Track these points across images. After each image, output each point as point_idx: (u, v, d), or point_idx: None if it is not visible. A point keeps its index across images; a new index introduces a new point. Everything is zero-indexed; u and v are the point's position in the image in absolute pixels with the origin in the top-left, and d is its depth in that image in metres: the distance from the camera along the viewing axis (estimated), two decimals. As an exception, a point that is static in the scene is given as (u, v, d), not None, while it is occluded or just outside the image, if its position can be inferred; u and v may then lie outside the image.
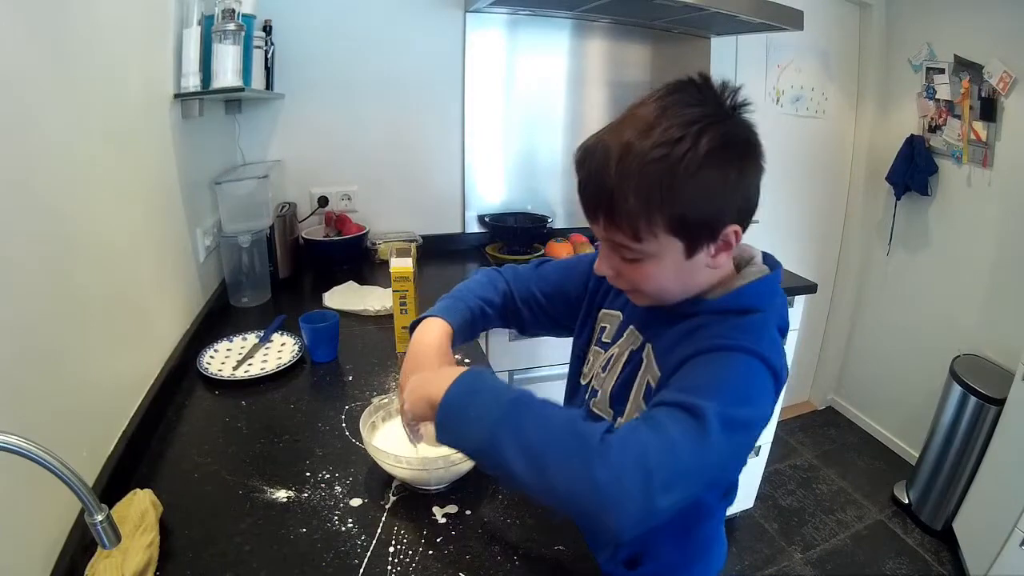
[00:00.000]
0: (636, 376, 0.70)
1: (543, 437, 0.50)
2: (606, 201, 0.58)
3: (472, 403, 0.56)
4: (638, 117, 0.58)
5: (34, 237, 0.65)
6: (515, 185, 2.05)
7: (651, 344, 0.69)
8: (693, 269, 0.62)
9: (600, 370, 0.77)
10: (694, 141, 0.54)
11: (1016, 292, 2.06)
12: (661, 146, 0.54)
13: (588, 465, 0.47)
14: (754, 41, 2.23)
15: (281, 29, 1.61)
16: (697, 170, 0.55)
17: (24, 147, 0.64)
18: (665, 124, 0.55)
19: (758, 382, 0.57)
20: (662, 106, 0.57)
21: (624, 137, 0.56)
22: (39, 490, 0.59)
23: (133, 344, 0.93)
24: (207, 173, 1.40)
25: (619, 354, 0.74)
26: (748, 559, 2.00)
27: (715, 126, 0.56)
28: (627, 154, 0.55)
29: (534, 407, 0.54)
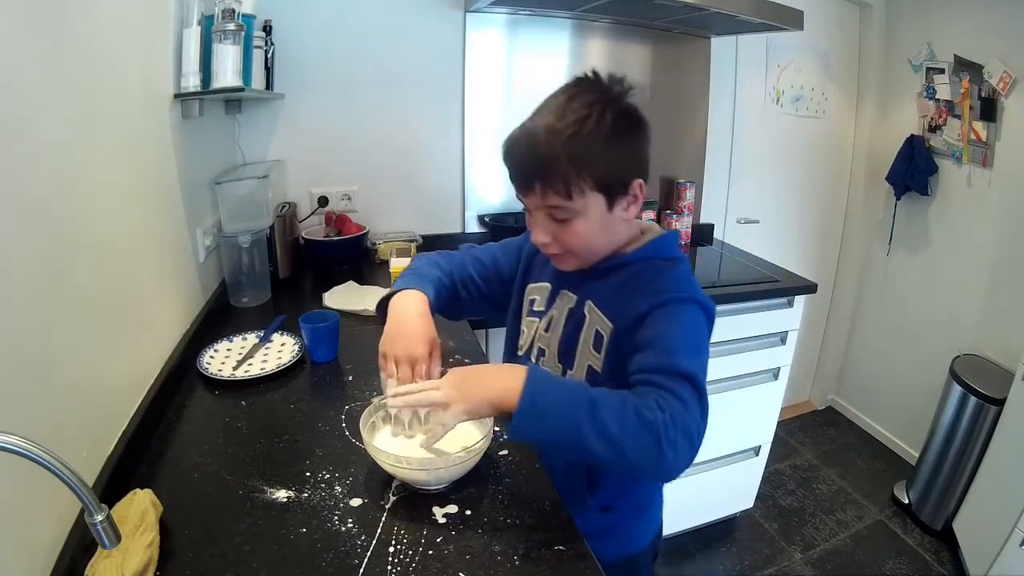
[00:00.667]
0: (580, 331, 0.81)
1: (619, 428, 0.60)
2: (541, 170, 0.72)
3: (550, 408, 0.64)
4: (550, 107, 0.73)
5: (34, 237, 0.65)
6: (515, 185, 2.05)
7: (591, 300, 0.81)
8: (613, 222, 0.77)
9: (543, 331, 0.87)
10: (599, 116, 0.71)
11: (1016, 292, 2.06)
12: (576, 123, 0.70)
13: (658, 446, 0.60)
14: (754, 41, 2.23)
15: (281, 29, 1.61)
16: (606, 137, 0.71)
17: (24, 147, 0.64)
18: (574, 106, 0.71)
19: (705, 330, 0.75)
20: (568, 96, 0.73)
21: (545, 121, 0.72)
22: (39, 490, 0.59)
23: (133, 344, 0.93)
24: (207, 173, 1.40)
25: (558, 315, 0.85)
26: (748, 559, 2.00)
27: (612, 105, 0.72)
28: (551, 131, 0.71)
29: (603, 402, 0.62)
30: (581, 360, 0.81)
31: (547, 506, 0.76)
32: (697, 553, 2.02)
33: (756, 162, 2.41)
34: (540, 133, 0.71)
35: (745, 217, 2.44)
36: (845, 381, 2.89)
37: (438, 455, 0.77)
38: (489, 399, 0.66)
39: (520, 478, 0.81)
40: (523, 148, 0.74)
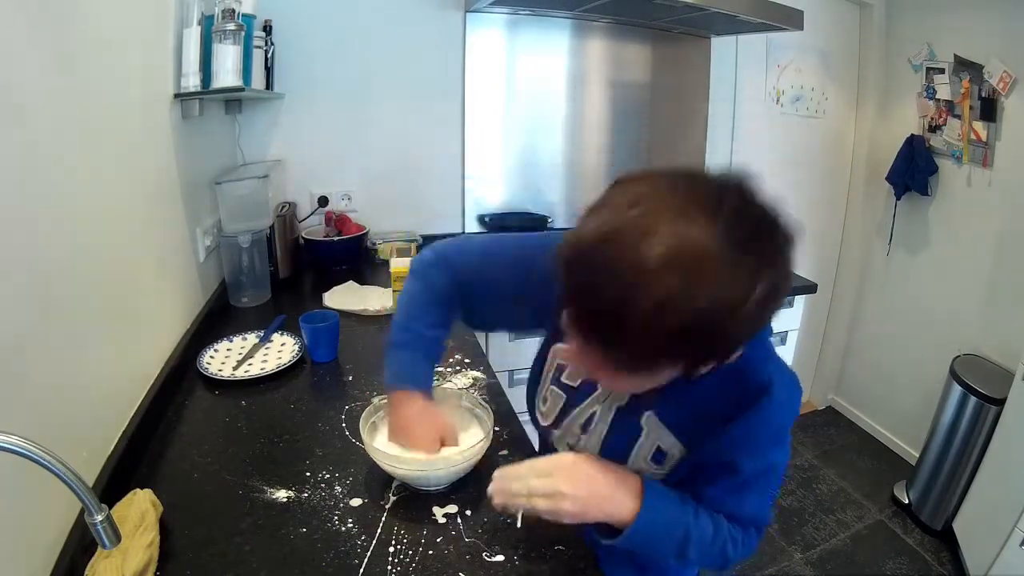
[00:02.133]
0: (634, 442, 0.67)
1: (698, 557, 0.64)
2: (621, 346, 0.49)
3: (650, 541, 0.62)
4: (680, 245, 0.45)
5: (34, 236, 0.65)
6: (515, 185, 2.05)
7: (652, 412, 0.66)
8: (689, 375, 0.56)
9: (579, 430, 0.73)
10: (745, 296, 0.46)
11: (1016, 292, 2.05)
12: (707, 308, 0.45)
13: (722, 567, 0.66)
14: (754, 41, 2.23)
15: (281, 29, 1.61)
16: (742, 322, 0.48)
17: (24, 147, 0.64)
18: (712, 273, 0.45)
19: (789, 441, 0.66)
20: (712, 242, 0.45)
21: (656, 277, 0.44)
22: (39, 490, 0.59)
23: (133, 344, 0.93)
24: (207, 173, 1.40)
25: (602, 414, 0.70)
26: (748, 559, 2.00)
27: (769, 276, 0.47)
28: (666, 306, 0.44)
29: (698, 536, 0.62)
30: (633, 467, 0.68)
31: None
32: (697, 553, 2.02)
33: (756, 162, 2.41)
34: (646, 301, 0.44)
35: (745, 217, 2.43)
36: (845, 381, 2.89)
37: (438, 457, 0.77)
38: (601, 519, 0.61)
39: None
40: (603, 289, 0.47)
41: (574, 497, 0.60)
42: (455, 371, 1.12)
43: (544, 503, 0.60)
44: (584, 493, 0.60)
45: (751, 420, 0.60)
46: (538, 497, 0.60)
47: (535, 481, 0.61)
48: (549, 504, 0.60)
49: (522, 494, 0.61)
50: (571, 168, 2.10)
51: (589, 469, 0.62)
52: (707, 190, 0.49)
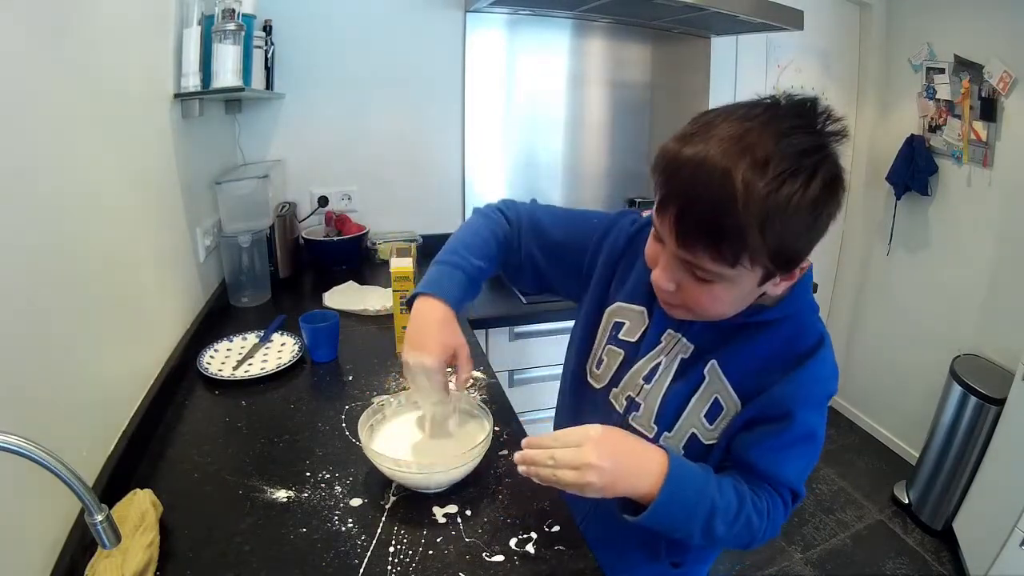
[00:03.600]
0: (693, 393, 0.69)
1: (725, 532, 0.62)
2: (715, 231, 0.55)
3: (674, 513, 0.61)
4: (751, 138, 0.54)
5: (34, 237, 0.65)
6: (515, 185, 2.05)
7: (716, 361, 0.68)
8: (756, 294, 0.63)
9: (642, 381, 0.74)
10: (807, 179, 0.54)
11: (1016, 292, 2.05)
12: (781, 181, 0.53)
13: (750, 543, 0.66)
14: (754, 41, 2.23)
15: (281, 29, 1.61)
16: (807, 209, 0.54)
17: (24, 147, 0.64)
18: (784, 154, 0.53)
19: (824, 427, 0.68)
20: (777, 132, 0.54)
21: (741, 163, 0.53)
22: (39, 490, 0.59)
23: (133, 344, 0.93)
24: (207, 173, 1.40)
25: (667, 365, 0.72)
26: (748, 559, 1.99)
27: (824, 162, 0.55)
28: (749, 188, 0.52)
29: (723, 507, 0.62)
30: (685, 425, 0.70)
31: (547, 506, 0.76)
32: (697, 553, 2.02)
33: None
34: (734, 183, 0.52)
35: (745, 217, 2.43)
36: (845, 381, 2.88)
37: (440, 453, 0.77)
38: (626, 494, 0.61)
39: (520, 478, 0.80)
40: (699, 178, 0.54)
41: (601, 469, 0.58)
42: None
43: (571, 475, 0.59)
44: (611, 465, 0.59)
45: (810, 369, 0.64)
46: (565, 468, 0.59)
47: (563, 452, 0.60)
48: (575, 476, 0.58)
49: (549, 464, 0.60)
50: (571, 168, 2.10)
51: (617, 440, 0.62)
52: (768, 98, 0.59)
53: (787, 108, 0.57)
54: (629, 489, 0.60)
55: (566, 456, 0.59)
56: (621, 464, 0.60)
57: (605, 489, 0.59)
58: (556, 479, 0.59)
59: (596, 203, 2.16)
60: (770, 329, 0.66)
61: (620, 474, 0.60)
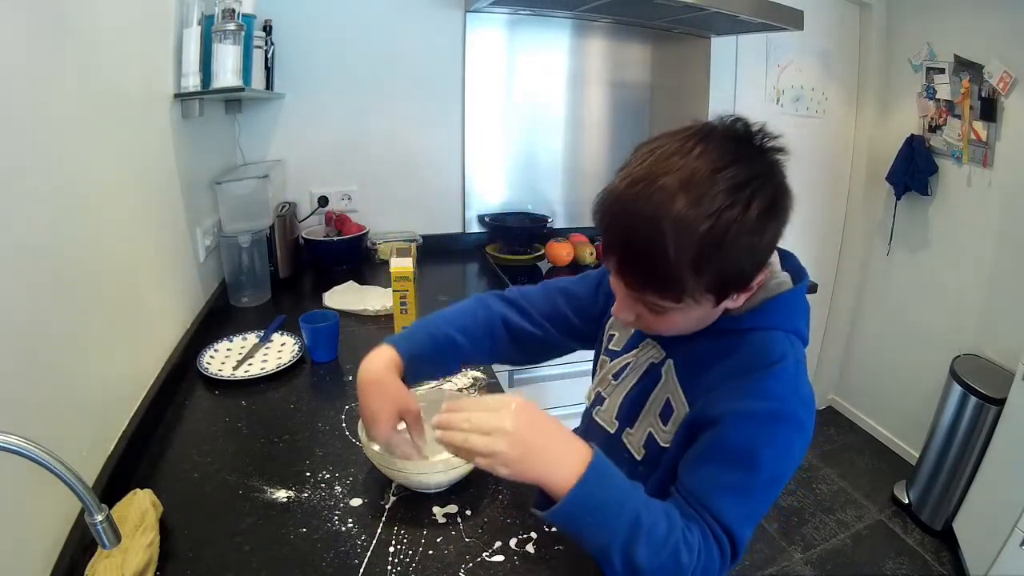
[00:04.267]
0: (651, 391, 0.69)
1: (648, 561, 0.53)
2: (651, 269, 0.55)
3: (593, 515, 0.54)
4: (680, 174, 0.53)
5: (33, 237, 0.65)
6: (515, 185, 2.05)
7: (673, 360, 0.68)
8: (717, 312, 0.63)
9: (611, 378, 0.76)
10: (744, 207, 0.53)
11: (1016, 292, 2.05)
12: (715, 215, 0.52)
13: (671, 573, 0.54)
14: (754, 41, 2.23)
15: (281, 29, 1.61)
16: (746, 235, 0.54)
17: (24, 147, 0.64)
18: (717, 187, 0.53)
19: (792, 458, 0.61)
20: (710, 165, 0.53)
21: (671, 200, 0.52)
22: (39, 490, 0.59)
23: (133, 344, 0.93)
24: (207, 173, 1.40)
25: (636, 364, 0.73)
26: (748, 559, 1.99)
27: (763, 187, 0.55)
28: (680, 224, 0.52)
29: (647, 528, 0.54)
30: (644, 423, 0.70)
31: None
32: (697, 553, 2.02)
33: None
34: (663, 221, 0.52)
35: (745, 217, 2.44)
36: (845, 381, 2.89)
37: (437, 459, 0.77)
38: (538, 479, 0.55)
39: (520, 478, 0.81)
40: (632, 229, 0.55)
41: (513, 438, 0.54)
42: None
43: (481, 441, 0.54)
44: (526, 438, 0.55)
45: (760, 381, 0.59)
46: (477, 434, 0.55)
47: (478, 415, 0.56)
48: (485, 444, 0.54)
49: (462, 428, 0.56)
50: (571, 168, 2.10)
51: (538, 417, 0.57)
52: (701, 127, 0.58)
53: (720, 137, 0.57)
54: (541, 474, 0.54)
55: (481, 420, 0.56)
56: (536, 442, 0.55)
57: (513, 463, 0.54)
58: (467, 444, 0.55)
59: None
60: (734, 338, 0.64)
61: (533, 451, 0.55)
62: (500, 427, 0.55)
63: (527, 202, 2.07)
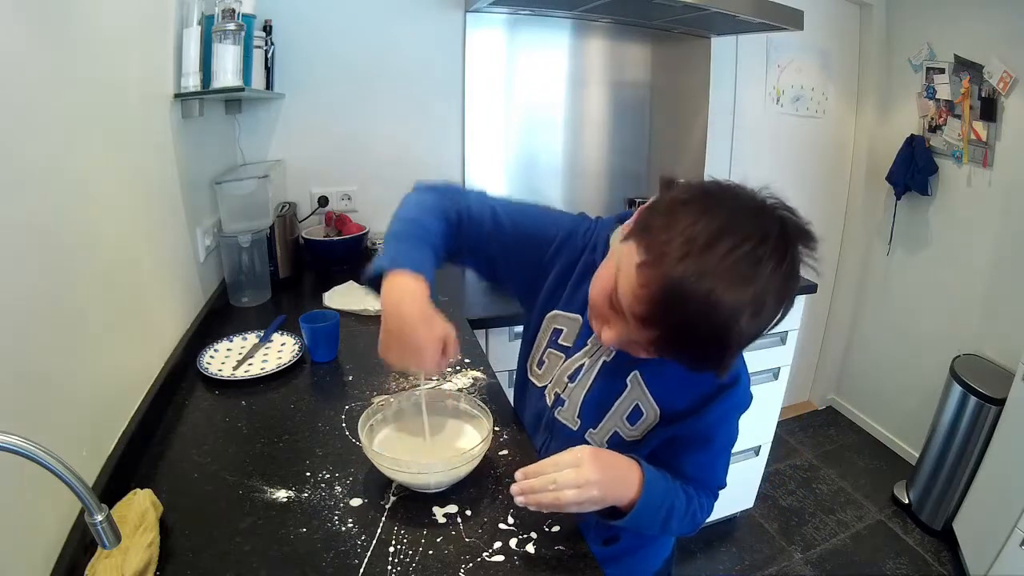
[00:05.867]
0: (616, 396, 0.76)
1: (678, 528, 0.74)
2: (694, 361, 0.60)
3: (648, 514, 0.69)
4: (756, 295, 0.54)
5: (33, 237, 0.65)
6: (515, 185, 2.05)
7: (638, 372, 0.75)
8: None
9: (567, 380, 0.80)
10: (786, 307, 0.58)
11: (1016, 292, 2.06)
12: (767, 321, 0.57)
13: (692, 530, 0.78)
14: (754, 41, 2.23)
15: (281, 29, 1.61)
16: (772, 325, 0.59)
17: (23, 147, 0.64)
18: (773, 306, 0.56)
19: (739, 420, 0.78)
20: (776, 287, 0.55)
21: (740, 321, 0.54)
22: (39, 490, 0.59)
23: (133, 344, 0.93)
24: (207, 173, 1.40)
25: (589, 366, 0.78)
26: (748, 559, 2.00)
27: (795, 291, 0.58)
28: (739, 339, 0.56)
29: (677, 508, 0.72)
30: (608, 424, 0.78)
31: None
32: (698, 553, 2.02)
33: (756, 162, 2.41)
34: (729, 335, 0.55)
35: (745, 217, 2.44)
36: (845, 381, 2.89)
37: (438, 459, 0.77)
38: (614, 502, 0.68)
39: (520, 478, 0.81)
40: (692, 327, 0.55)
41: (599, 483, 0.64)
42: (455, 371, 1.12)
43: (573, 494, 0.63)
44: (607, 478, 0.65)
45: (729, 401, 0.73)
46: (568, 489, 0.63)
47: (563, 474, 0.64)
48: (577, 494, 0.63)
49: (549, 489, 0.63)
50: (571, 168, 2.10)
51: (606, 456, 0.68)
52: (778, 233, 0.56)
53: (792, 252, 0.57)
54: (618, 498, 0.67)
55: (568, 478, 0.64)
56: (613, 476, 0.67)
57: (600, 501, 0.65)
58: (558, 500, 0.63)
59: (596, 203, 2.16)
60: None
61: (612, 486, 0.66)
62: (588, 480, 0.64)
63: (527, 202, 2.07)
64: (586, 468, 0.64)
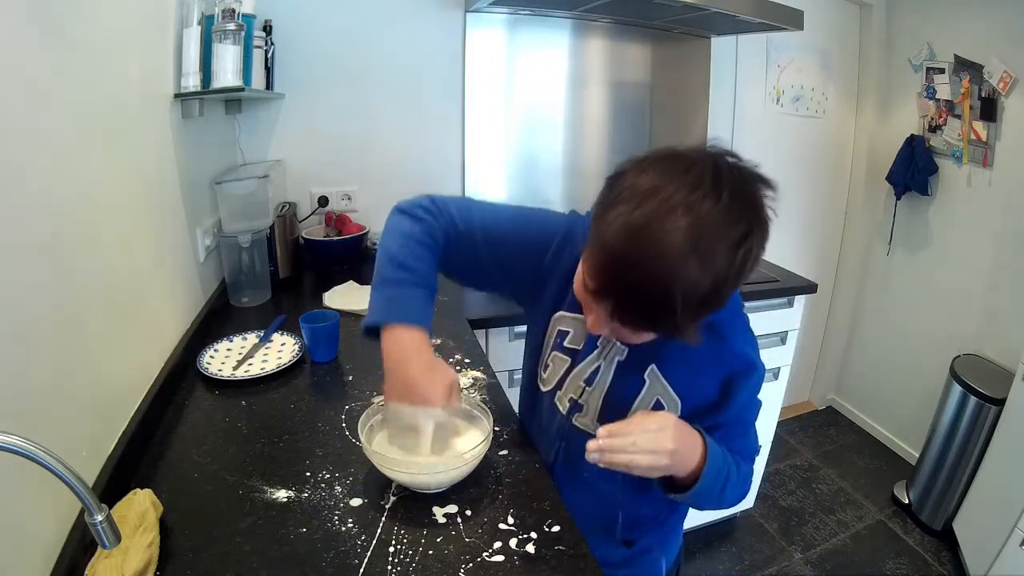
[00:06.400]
0: (636, 394, 0.76)
1: (733, 494, 0.76)
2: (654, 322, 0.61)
3: (712, 484, 0.70)
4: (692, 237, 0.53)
5: (33, 237, 0.65)
6: (515, 185, 2.05)
7: (655, 365, 0.74)
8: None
9: (583, 384, 0.79)
10: (743, 261, 0.57)
11: (1016, 292, 2.06)
12: (718, 274, 0.56)
13: (737, 502, 0.79)
14: (754, 41, 2.23)
15: (281, 29, 1.61)
16: (738, 279, 0.58)
17: (23, 147, 0.64)
18: (721, 250, 0.55)
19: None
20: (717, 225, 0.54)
21: (684, 269, 0.54)
22: (39, 490, 0.59)
23: (133, 344, 0.93)
24: (207, 173, 1.40)
25: (605, 368, 0.78)
26: (748, 559, 2.00)
27: (759, 238, 0.57)
28: (688, 290, 0.55)
29: (732, 478, 0.73)
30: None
31: (547, 506, 0.76)
32: (698, 553, 2.02)
33: (756, 162, 2.41)
34: (673, 285, 0.54)
35: (745, 217, 2.44)
36: (845, 381, 2.89)
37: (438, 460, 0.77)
38: (681, 472, 0.69)
39: (520, 478, 0.81)
40: (637, 286, 0.56)
41: (673, 452, 0.65)
42: (455, 371, 1.12)
43: (648, 459, 0.64)
44: (681, 448, 0.67)
45: (749, 385, 0.75)
46: (645, 453, 0.64)
47: (643, 437, 0.65)
48: (652, 459, 0.64)
49: (628, 451, 0.64)
50: (571, 168, 2.10)
51: (684, 428, 0.69)
52: (709, 173, 0.56)
53: (729, 188, 0.56)
54: (683, 468, 0.68)
55: (646, 442, 0.64)
56: (685, 447, 0.67)
57: (669, 469, 0.67)
58: (631, 463, 0.64)
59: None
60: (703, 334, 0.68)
61: (683, 456, 0.67)
62: (665, 448, 0.65)
63: (527, 202, 2.05)
64: (667, 436, 0.65)
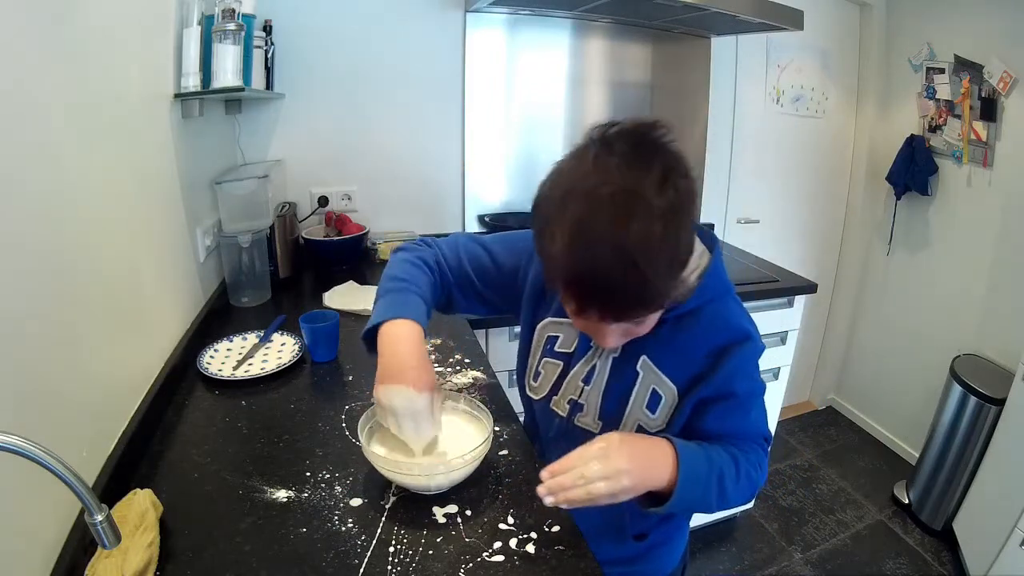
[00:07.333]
0: (631, 389, 0.76)
1: (735, 494, 0.70)
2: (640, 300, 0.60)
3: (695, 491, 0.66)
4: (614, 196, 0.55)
5: (34, 237, 0.65)
6: (515, 185, 2.05)
7: (645, 356, 0.74)
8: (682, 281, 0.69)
9: (582, 383, 0.80)
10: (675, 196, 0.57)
11: (1016, 292, 2.06)
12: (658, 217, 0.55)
13: (752, 495, 0.74)
14: (754, 41, 2.23)
15: (281, 29, 1.61)
16: (686, 215, 0.59)
17: (24, 147, 0.64)
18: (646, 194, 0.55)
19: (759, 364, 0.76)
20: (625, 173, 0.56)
21: (625, 231, 0.54)
22: (39, 490, 0.59)
23: (133, 344, 0.93)
24: (207, 173, 1.40)
25: (602, 366, 0.78)
26: (748, 559, 2.00)
27: (678, 171, 0.58)
28: (642, 245, 0.55)
29: (726, 472, 0.69)
30: (630, 420, 0.77)
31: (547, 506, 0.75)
32: (698, 553, 2.02)
33: (756, 162, 2.41)
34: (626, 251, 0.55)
35: (745, 217, 2.44)
36: (845, 381, 2.89)
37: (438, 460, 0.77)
38: (650, 488, 0.65)
39: (520, 478, 0.81)
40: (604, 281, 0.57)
41: (630, 471, 0.62)
42: (455, 371, 1.12)
43: (605, 485, 0.61)
44: (638, 464, 0.63)
45: (742, 354, 0.71)
46: (598, 481, 0.61)
47: (590, 467, 0.62)
48: (609, 486, 0.61)
49: (579, 484, 0.61)
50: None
51: (634, 442, 0.66)
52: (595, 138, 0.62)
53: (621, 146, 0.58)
54: (654, 482, 0.65)
55: (596, 470, 0.62)
56: (642, 462, 0.64)
57: (633, 489, 0.63)
58: (589, 495, 0.61)
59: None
60: (691, 318, 0.72)
61: (644, 471, 0.64)
62: (617, 469, 0.62)
63: (527, 202, 2.05)
64: (614, 457, 0.62)
